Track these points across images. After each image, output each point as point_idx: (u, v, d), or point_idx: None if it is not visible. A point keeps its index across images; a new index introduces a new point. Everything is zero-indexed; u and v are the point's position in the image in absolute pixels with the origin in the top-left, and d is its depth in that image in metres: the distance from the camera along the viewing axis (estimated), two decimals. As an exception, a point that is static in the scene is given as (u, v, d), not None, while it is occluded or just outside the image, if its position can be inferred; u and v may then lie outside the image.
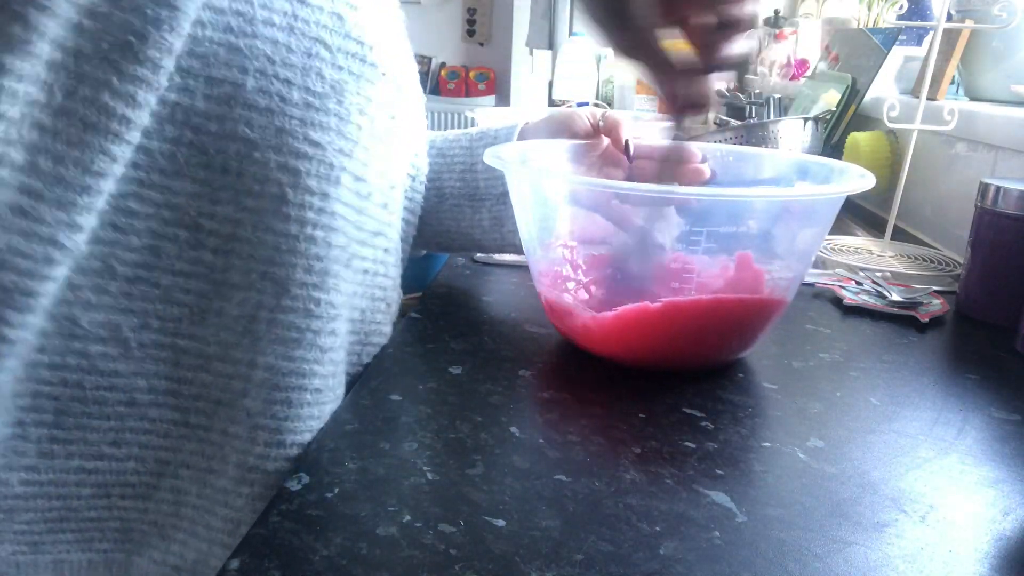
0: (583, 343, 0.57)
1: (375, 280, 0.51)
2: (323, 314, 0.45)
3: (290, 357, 0.44)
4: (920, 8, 1.45)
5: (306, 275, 0.43)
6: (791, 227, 0.55)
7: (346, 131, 0.44)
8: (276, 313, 0.43)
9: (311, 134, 0.42)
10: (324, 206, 0.44)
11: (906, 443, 0.47)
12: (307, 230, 0.43)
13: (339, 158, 0.44)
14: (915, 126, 0.92)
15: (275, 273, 0.43)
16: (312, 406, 0.45)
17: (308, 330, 0.44)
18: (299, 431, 0.45)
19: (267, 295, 0.43)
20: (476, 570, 0.34)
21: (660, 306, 0.52)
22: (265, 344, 0.43)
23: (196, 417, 0.44)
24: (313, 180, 0.43)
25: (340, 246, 0.45)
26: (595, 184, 0.53)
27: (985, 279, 0.70)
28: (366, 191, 0.47)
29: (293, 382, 0.44)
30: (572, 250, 0.61)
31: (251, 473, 0.44)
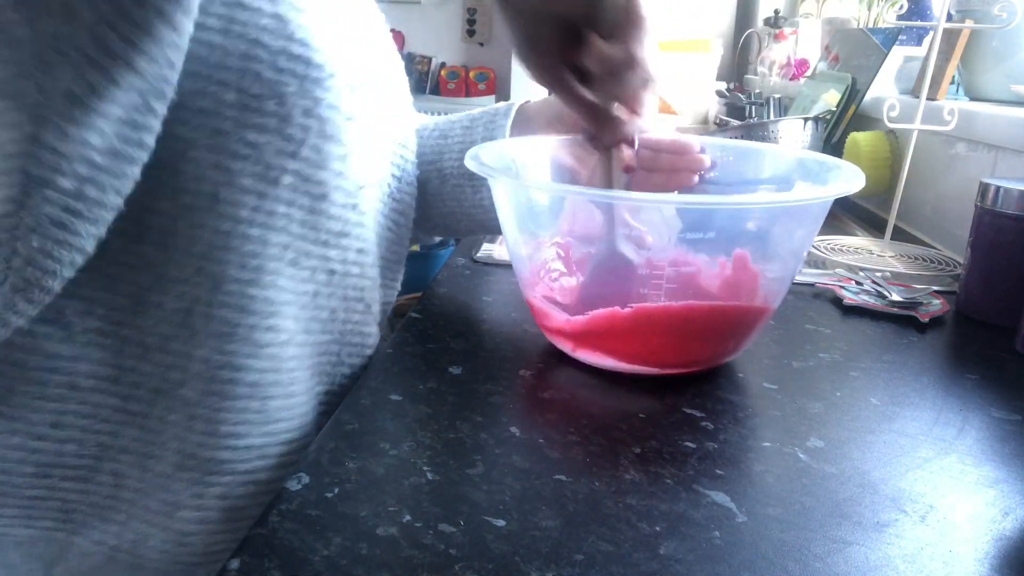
0: (561, 346, 0.57)
1: (346, 281, 0.51)
2: (258, 310, 0.45)
3: (223, 350, 0.45)
4: (920, 8, 1.45)
5: (240, 271, 0.44)
6: (776, 231, 0.55)
7: (288, 132, 0.44)
8: (211, 307, 0.44)
9: (247, 135, 0.43)
10: (260, 205, 0.44)
11: (906, 443, 0.47)
12: (241, 228, 0.44)
13: (279, 159, 0.44)
14: (915, 126, 0.92)
15: (210, 268, 0.44)
16: (247, 399, 0.46)
17: (241, 325, 0.45)
18: (233, 422, 0.46)
19: (203, 289, 0.44)
20: (476, 570, 0.34)
21: (630, 311, 0.52)
22: (201, 337, 0.45)
23: (136, 404, 0.45)
24: (248, 180, 0.44)
25: (281, 244, 0.46)
26: (572, 191, 0.53)
27: (985, 279, 0.70)
28: (320, 192, 0.47)
29: (226, 375, 0.45)
30: (553, 252, 0.61)
31: (189, 460, 0.46)
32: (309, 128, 0.45)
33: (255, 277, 0.45)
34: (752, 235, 0.54)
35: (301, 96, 0.44)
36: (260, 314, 0.46)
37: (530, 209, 0.57)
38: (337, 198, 0.48)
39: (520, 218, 0.57)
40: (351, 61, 0.48)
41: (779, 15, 2.11)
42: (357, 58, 0.49)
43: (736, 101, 1.77)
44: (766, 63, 1.95)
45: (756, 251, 0.55)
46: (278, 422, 0.48)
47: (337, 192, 0.48)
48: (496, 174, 0.52)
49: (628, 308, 0.52)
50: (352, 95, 0.48)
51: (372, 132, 0.51)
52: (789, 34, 1.95)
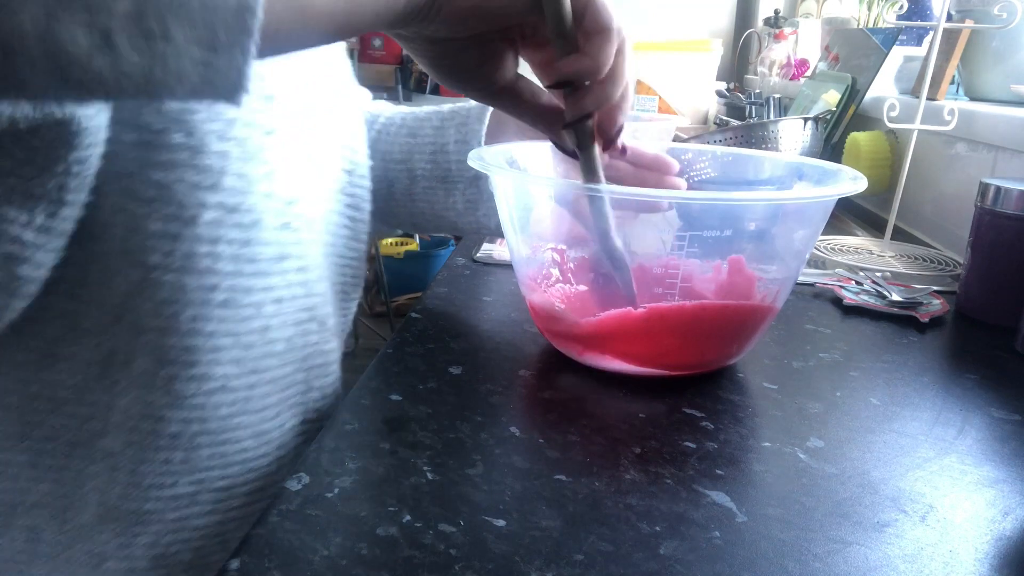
0: (567, 349, 0.57)
1: (294, 304, 0.48)
2: (176, 359, 0.43)
3: (143, 401, 0.43)
4: (920, 8, 1.45)
5: (154, 320, 0.42)
6: (780, 231, 0.55)
7: (202, 163, 0.41)
8: (130, 356, 0.42)
9: (151, 174, 0.39)
10: (174, 249, 0.41)
11: (906, 443, 0.47)
12: (153, 275, 0.41)
13: (195, 194, 0.41)
14: (915, 126, 0.92)
15: (126, 317, 0.41)
16: (169, 450, 0.44)
17: (160, 375, 0.43)
18: (156, 474, 0.44)
19: (120, 339, 0.42)
20: (476, 570, 0.34)
21: (643, 312, 0.52)
22: (122, 386, 0.42)
23: (50, 458, 0.43)
24: (156, 222, 0.40)
25: (204, 288, 0.42)
26: (580, 188, 0.53)
27: (985, 279, 0.70)
28: (250, 220, 0.43)
29: (146, 426, 0.43)
30: (557, 253, 0.60)
31: (112, 511, 0.44)
32: (228, 154, 0.42)
33: (170, 326, 0.42)
34: (754, 235, 0.54)
35: (211, 120, 0.41)
36: (179, 363, 0.43)
37: (532, 209, 0.57)
38: (269, 221, 0.44)
39: (521, 219, 0.57)
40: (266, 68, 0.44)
41: (779, 15, 2.11)
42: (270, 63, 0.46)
43: (736, 101, 1.77)
44: (766, 63, 1.95)
45: (758, 251, 0.55)
46: (210, 470, 0.46)
47: (267, 215, 0.44)
48: (497, 171, 0.52)
49: (641, 308, 0.52)
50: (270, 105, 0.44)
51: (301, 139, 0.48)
52: (789, 34, 1.95)
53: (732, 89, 1.91)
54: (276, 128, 0.45)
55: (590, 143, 0.48)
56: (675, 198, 0.53)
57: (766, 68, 1.94)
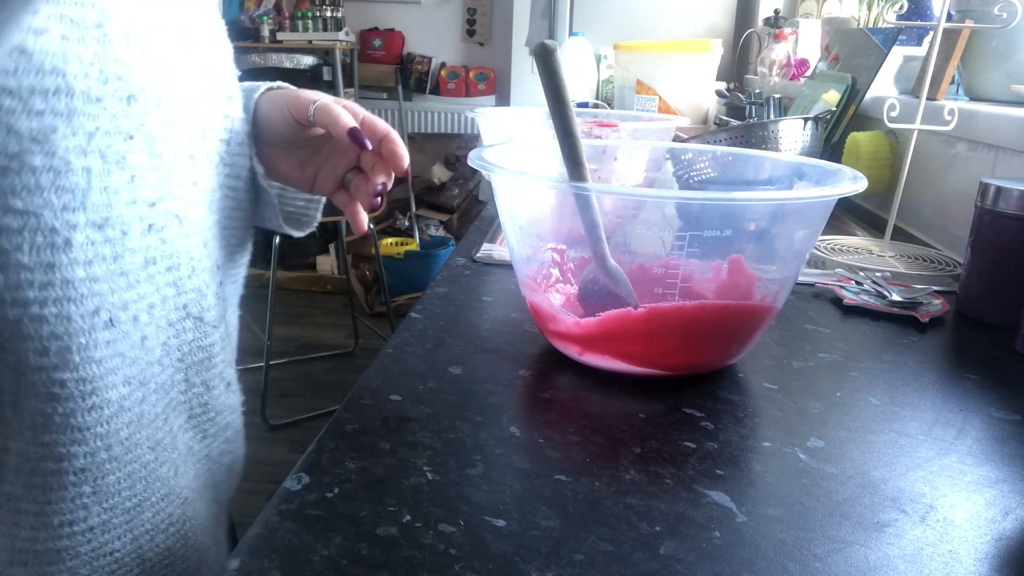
0: (567, 348, 0.57)
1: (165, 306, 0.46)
2: (72, 394, 0.40)
3: (40, 442, 0.41)
4: (920, 8, 1.45)
5: (41, 358, 0.39)
6: (780, 231, 0.55)
7: (68, 183, 0.38)
8: (18, 398, 0.40)
9: (12, 203, 0.37)
10: (50, 279, 0.39)
11: (906, 443, 0.47)
12: (32, 310, 0.38)
13: (64, 216, 0.38)
14: (915, 126, 0.92)
15: (7, 359, 0.39)
16: (78, 485, 0.42)
17: (56, 413, 0.40)
18: (66, 511, 0.42)
19: (5, 381, 0.40)
20: (476, 570, 0.34)
21: (643, 312, 0.52)
22: (14, 430, 0.41)
23: None
24: (27, 255, 0.38)
25: (89, 312, 0.40)
26: (580, 188, 0.53)
27: (985, 279, 0.70)
28: (117, 232, 0.41)
29: (49, 466, 0.41)
30: (557, 253, 0.60)
31: (22, 555, 0.42)
32: (91, 169, 0.39)
33: (61, 361, 0.40)
34: (754, 235, 0.54)
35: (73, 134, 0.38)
36: (75, 397, 0.41)
37: (532, 209, 0.57)
38: (134, 228, 0.42)
39: (522, 218, 0.57)
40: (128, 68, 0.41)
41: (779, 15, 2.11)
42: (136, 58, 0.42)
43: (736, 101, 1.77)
44: (766, 63, 1.95)
45: (758, 251, 0.55)
46: (118, 494, 0.44)
47: (133, 222, 0.42)
48: (500, 171, 0.52)
49: (641, 309, 0.52)
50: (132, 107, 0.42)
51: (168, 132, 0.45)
52: (789, 34, 1.95)
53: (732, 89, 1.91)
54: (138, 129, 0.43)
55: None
56: (675, 198, 0.53)
57: (766, 68, 1.94)
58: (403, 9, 3.60)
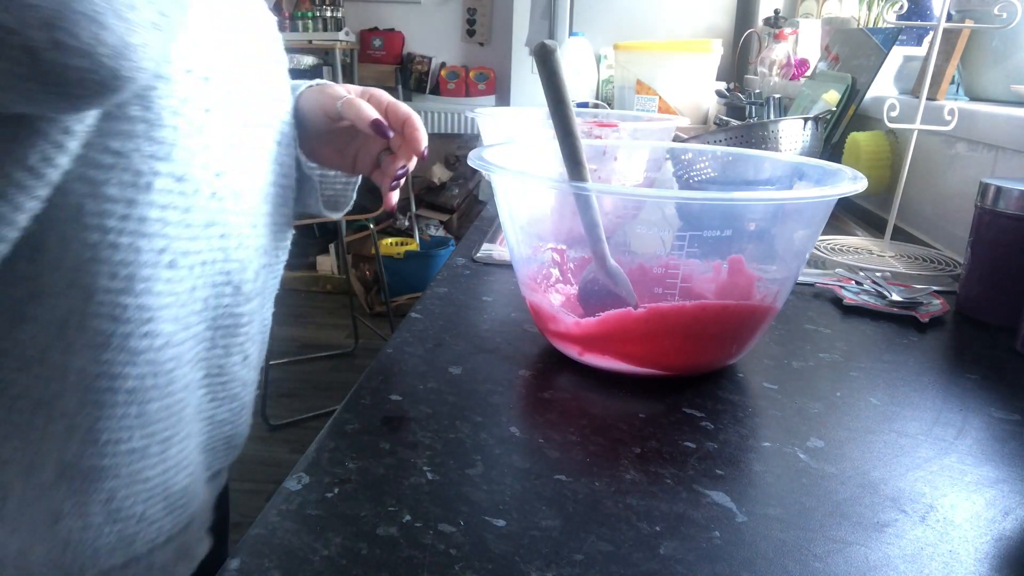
0: (567, 348, 0.57)
1: (213, 268, 0.51)
2: (132, 317, 0.45)
3: (99, 360, 0.45)
4: (920, 8, 1.45)
5: (111, 281, 0.44)
6: (780, 231, 0.55)
7: (159, 135, 0.44)
8: (84, 318, 0.44)
9: (111, 143, 0.43)
10: (130, 213, 0.44)
11: (906, 443, 0.47)
12: (109, 238, 0.44)
13: (150, 163, 0.44)
14: (915, 126, 0.92)
15: (81, 280, 0.44)
16: (126, 406, 0.47)
17: (116, 334, 0.45)
18: (113, 430, 0.47)
19: (75, 300, 0.44)
20: (476, 570, 0.34)
21: (643, 312, 0.52)
22: (77, 347, 0.45)
23: (19, 416, 0.46)
24: (115, 188, 0.43)
25: (156, 249, 0.46)
26: (580, 188, 0.53)
27: (985, 279, 0.70)
28: (191, 188, 0.47)
29: (103, 384, 0.45)
30: (557, 253, 0.60)
31: (69, 469, 0.46)
32: (178, 128, 0.45)
33: (127, 286, 0.45)
34: (754, 235, 0.54)
35: (167, 96, 0.44)
36: (135, 322, 0.46)
37: (532, 209, 0.57)
38: (203, 190, 0.48)
39: (522, 218, 0.57)
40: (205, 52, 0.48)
41: (779, 15, 2.11)
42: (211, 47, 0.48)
43: (736, 101, 1.77)
44: (766, 63, 1.95)
45: (758, 251, 0.55)
46: (158, 422, 0.49)
47: (203, 185, 0.48)
48: (500, 171, 0.52)
49: (641, 309, 0.52)
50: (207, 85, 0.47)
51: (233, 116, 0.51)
52: (789, 34, 1.95)
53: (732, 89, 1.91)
54: (212, 106, 0.48)
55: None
56: (675, 198, 0.53)
57: (766, 68, 1.94)
58: (403, 9, 3.60)
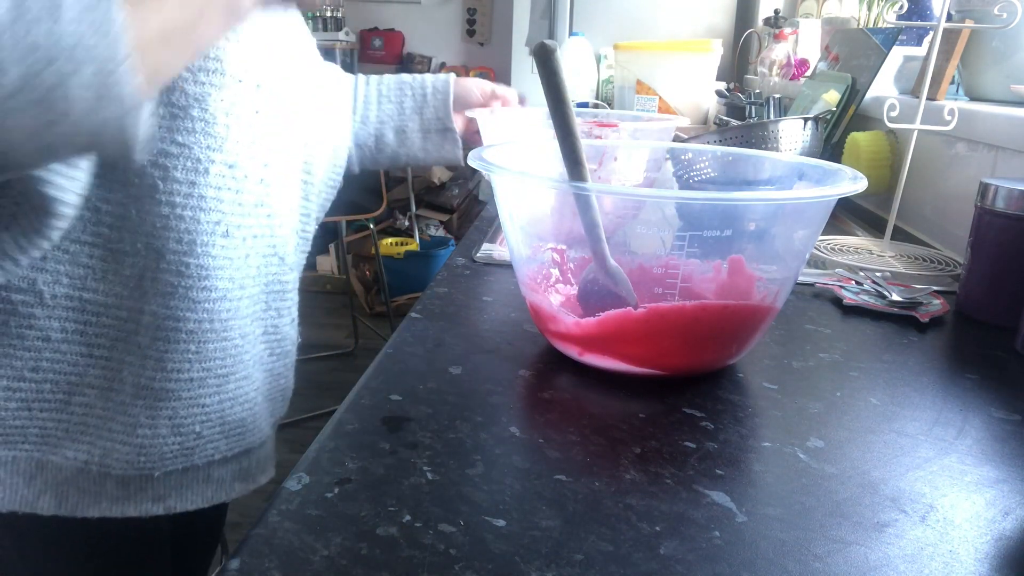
0: (567, 349, 0.57)
1: (263, 242, 0.62)
2: (193, 274, 0.57)
3: (167, 306, 0.57)
4: (920, 8, 1.45)
5: (177, 245, 0.56)
6: (780, 231, 0.55)
7: (213, 131, 0.55)
8: (157, 273, 0.56)
9: (177, 137, 0.54)
10: (192, 192, 0.55)
11: (906, 443, 0.47)
12: (177, 211, 0.55)
13: (207, 153, 0.55)
14: (915, 126, 0.92)
15: (154, 243, 0.55)
16: (187, 343, 0.58)
17: (180, 286, 0.57)
18: (177, 360, 0.58)
19: (149, 259, 0.56)
20: (476, 570, 0.34)
21: (643, 312, 0.52)
22: (150, 296, 0.56)
23: (99, 350, 0.57)
24: (180, 172, 0.54)
25: (213, 221, 0.57)
26: (580, 188, 0.53)
27: (985, 279, 0.70)
28: (241, 174, 0.58)
29: (171, 324, 0.57)
30: (557, 253, 0.60)
31: (143, 391, 0.58)
32: (230, 126, 0.56)
33: (189, 249, 0.56)
34: (754, 235, 0.54)
35: (220, 100, 0.55)
36: (194, 277, 0.57)
37: (532, 209, 0.57)
38: (252, 176, 0.59)
39: (522, 218, 0.57)
40: (257, 64, 0.58)
41: (779, 15, 2.11)
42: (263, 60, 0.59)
43: (736, 101, 1.77)
44: (766, 63, 1.95)
45: (758, 251, 0.55)
46: (213, 359, 0.60)
47: (252, 171, 0.59)
48: (500, 171, 0.52)
49: (641, 309, 0.52)
50: (258, 92, 0.58)
51: (276, 118, 0.61)
52: (789, 34, 1.95)
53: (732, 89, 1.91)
54: (261, 109, 0.59)
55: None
56: (675, 198, 0.53)
57: (766, 68, 1.94)
58: (403, 9, 3.60)
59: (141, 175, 0.54)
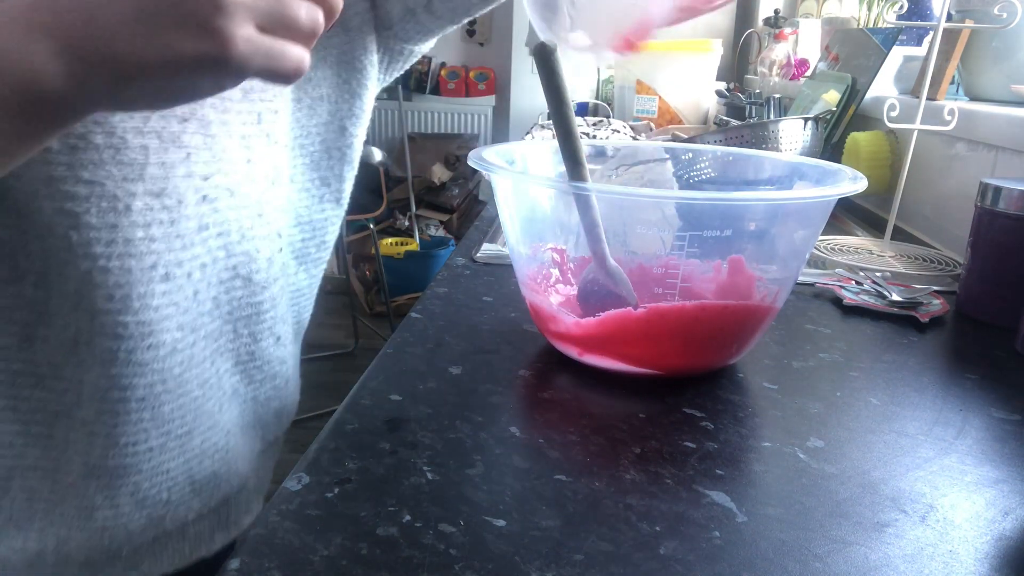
0: (567, 349, 0.57)
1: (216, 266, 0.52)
2: (133, 334, 0.48)
3: (109, 375, 0.48)
4: (920, 8, 1.45)
5: (108, 303, 0.47)
6: (780, 231, 0.55)
7: (126, 158, 0.45)
8: (92, 337, 0.47)
9: (82, 174, 0.43)
10: (114, 237, 0.46)
11: (906, 443, 0.47)
12: (100, 263, 0.46)
13: (124, 186, 0.45)
14: (915, 126, 0.92)
15: (82, 304, 0.46)
16: (139, 411, 0.50)
17: (121, 350, 0.48)
18: (130, 433, 0.50)
19: (81, 322, 0.47)
20: (476, 570, 0.34)
21: (643, 312, 0.52)
22: (88, 364, 0.48)
23: (38, 427, 0.49)
24: (95, 216, 0.45)
25: (147, 266, 0.47)
26: (580, 188, 0.53)
27: (985, 279, 0.70)
28: (173, 200, 0.48)
29: (116, 395, 0.49)
30: (557, 253, 0.60)
31: (96, 469, 0.50)
32: (147, 147, 0.46)
33: (124, 305, 0.47)
34: (754, 235, 0.54)
35: (129, 117, 0.44)
36: (135, 337, 0.48)
37: (532, 209, 0.57)
38: (190, 198, 0.49)
39: (522, 218, 0.57)
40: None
41: (779, 15, 2.11)
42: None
43: (736, 101, 1.77)
44: (766, 63, 1.95)
45: (758, 251, 0.55)
46: (171, 421, 0.52)
47: (188, 193, 0.49)
48: (500, 171, 0.52)
49: (641, 309, 0.52)
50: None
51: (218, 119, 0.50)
52: (789, 34, 1.95)
53: (732, 89, 1.91)
54: (192, 113, 0.48)
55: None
56: (675, 198, 0.53)
57: (766, 68, 1.94)
58: (403, 9, 3.59)
59: (50, 227, 0.44)
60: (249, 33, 0.34)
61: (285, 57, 0.36)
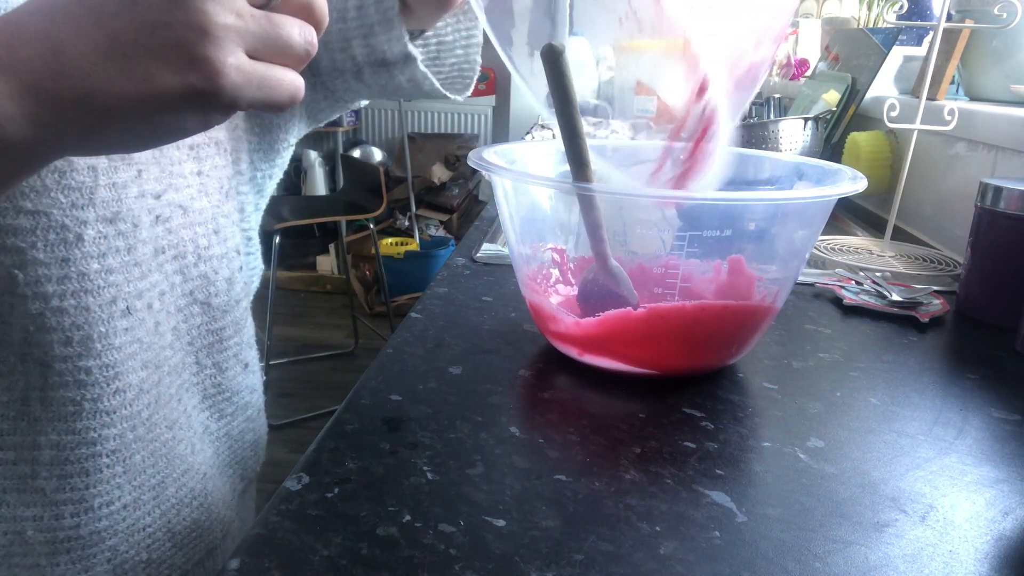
0: (567, 349, 0.57)
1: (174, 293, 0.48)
2: (98, 379, 0.42)
3: (74, 430, 0.42)
4: (920, 8, 1.45)
5: (65, 348, 0.41)
6: (780, 231, 0.55)
7: (73, 181, 0.40)
8: (46, 391, 0.41)
9: (23, 204, 0.38)
10: (66, 272, 0.40)
11: (906, 443, 0.47)
12: (52, 303, 0.40)
13: (73, 213, 0.40)
14: (915, 126, 0.92)
15: (32, 354, 0.41)
16: (111, 467, 0.44)
17: (85, 400, 0.42)
18: (104, 492, 0.45)
19: (32, 376, 0.41)
20: (476, 570, 0.34)
21: (643, 313, 0.52)
22: (44, 423, 0.42)
23: None
24: (42, 251, 0.39)
25: (106, 302, 0.42)
26: (582, 188, 0.53)
27: (985, 279, 0.70)
28: (128, 225, 0.43)
29: (84, 452, 0.43)
30: (557, 253, 0.60)
31: (64, 543, 0.44)
32: (96, 167, 0.41)
33: (84, 349, 0.42)
34: (754, 235, 0.54)
35: None
36: (100, 383, 0.43)
37: (532, 209, 0.57)
38: (144, 220, 0.44)
39: (522, 218, 0.57)
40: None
41: (779, 15, 2.10)
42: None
43: (736, 101, 1.76)
44: (766, 63, 1.95)
45: (758, 251, 0.55)
46: (144, 471, 0.47)
47: (142, 214, 0.44)
48: (500, 171, 0.52)
49: (641, 309, 0.52)
50: None
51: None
52: (789, 34, 1.95)
53: (732, 89, 1.91)
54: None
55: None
56: (675, 198, 0.53)
57: (766, 68, 1.94)
58: (403, 9, 3.59)
59: None
60: (240, 61, 0.30)
61: (281, 86, 0.32)
